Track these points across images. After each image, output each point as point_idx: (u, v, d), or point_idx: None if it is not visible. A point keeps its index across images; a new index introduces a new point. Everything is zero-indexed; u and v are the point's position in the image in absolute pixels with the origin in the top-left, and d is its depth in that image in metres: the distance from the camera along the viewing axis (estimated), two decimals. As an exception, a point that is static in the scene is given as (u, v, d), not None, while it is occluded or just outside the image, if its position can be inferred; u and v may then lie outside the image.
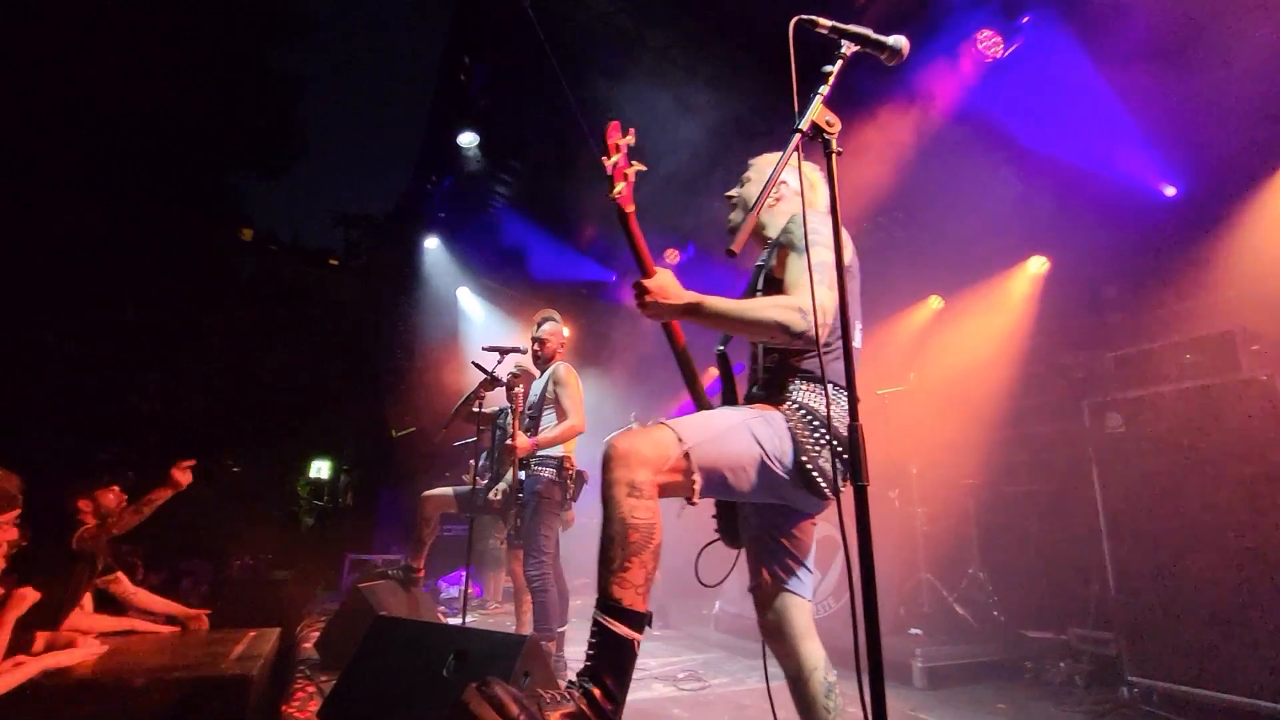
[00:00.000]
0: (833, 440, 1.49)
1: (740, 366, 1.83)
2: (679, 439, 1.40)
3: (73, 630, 2.66)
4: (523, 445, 3.19)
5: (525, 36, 5.03)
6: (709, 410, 1.61)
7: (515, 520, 3.31)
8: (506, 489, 3.41)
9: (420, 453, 8.88)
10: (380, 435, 10.22)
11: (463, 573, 4.70)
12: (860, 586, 1.07)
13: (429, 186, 7.83)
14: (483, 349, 3.68)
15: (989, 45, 4.28)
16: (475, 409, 3.72)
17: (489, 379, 3.61)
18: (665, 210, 6.07)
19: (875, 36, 1.33)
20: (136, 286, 8.59)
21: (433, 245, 8.27)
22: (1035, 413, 4.93)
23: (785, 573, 1.66)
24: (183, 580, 6.21)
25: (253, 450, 12.82)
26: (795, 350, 1.59)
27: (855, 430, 1.15)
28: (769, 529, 1.70)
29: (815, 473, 1.48)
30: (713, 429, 1.47)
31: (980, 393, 5.03)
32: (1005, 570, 4.40)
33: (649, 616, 1.32)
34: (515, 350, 3.61)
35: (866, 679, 1.05)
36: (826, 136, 1.26)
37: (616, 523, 1.31)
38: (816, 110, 1.26)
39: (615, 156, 1.54)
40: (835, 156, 1.25)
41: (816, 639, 1.61)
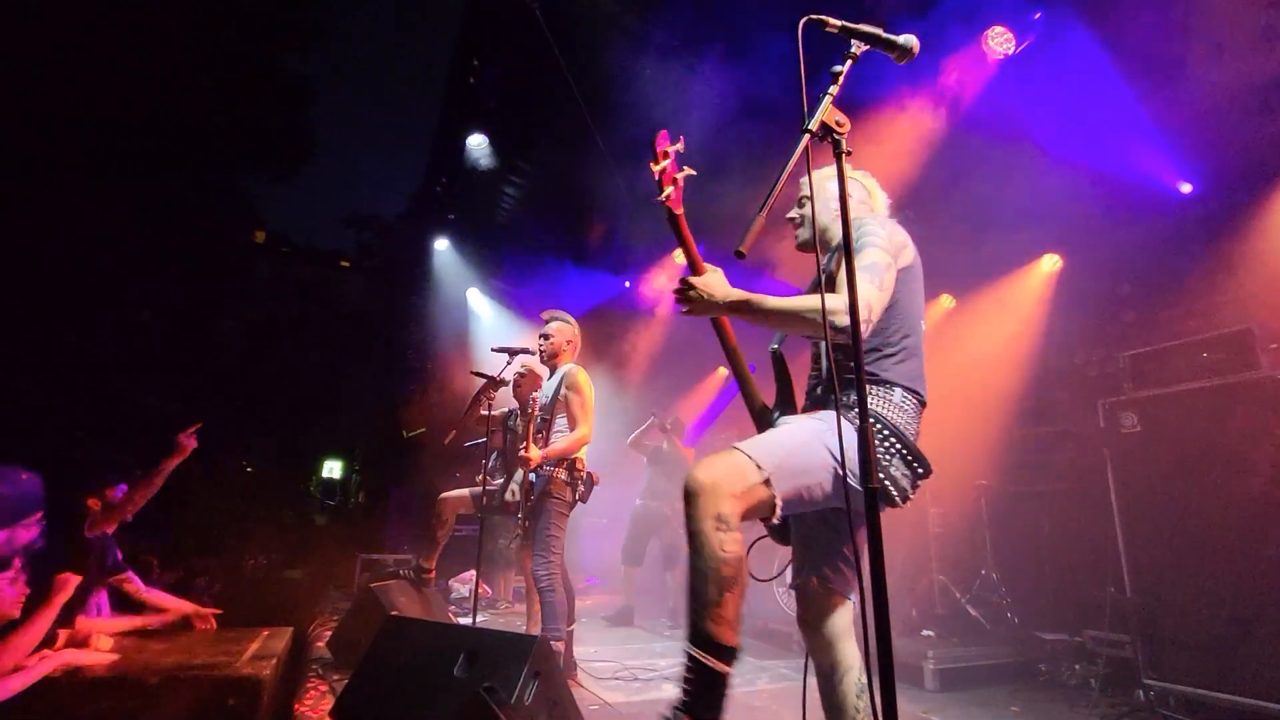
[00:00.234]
0: (902, 448, 1.50)
1: (752, 367, 1.83)
2: (757, 465, 1.40)
3: (89, 628, 2.69)
4: (534, 458, 3.18)
5: (533, 38, 5.05)
6: (777, 428, 1.59)
7: (523, 521, 3.31)
8: (518, 489, 3.42)
9: (431, 453, 8.93)
10: (392, 435, 10.29)
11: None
12: (871, 588, 1.06)
13: (438, 188, 7.88)
14: (492, 350, 3.69)
15: (1001, 42, 4.25)
16: (484, 411, 3.72)
17: (491, 381, 3.62)
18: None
19: (885, 36, 1.32)
20: (153, 288, 8.70)
21: (443, 246, 8.32)
22: (1049, 413, 4.88)
23: (834, 572, 1.66)
24: (197, 579, 6.27)
25: (266, 450, 12.96)
26: (863, 353, 1.58)
27: (865, 431, 1.14)
28: (826, 529, 1.69)
29: (888, 482, 1.49)
30: (787, 448, 1.47)
31: (993, 392, 4.99)
32: (1018, 571, 4.35)
33: (739, 648, 1.33)
34: (524, 351, 3.61)
35: (878, 680, 1.04)
36: (836, 137, 1.25)
37: (708, 558, 1.31)
38: (826, 110, 1.25)
39: (663, 163, 1.57)
40: (845, 157, 1.25)
41: (854, 639, 1.62)
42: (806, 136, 1.24)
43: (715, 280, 1.53)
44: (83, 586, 2.82)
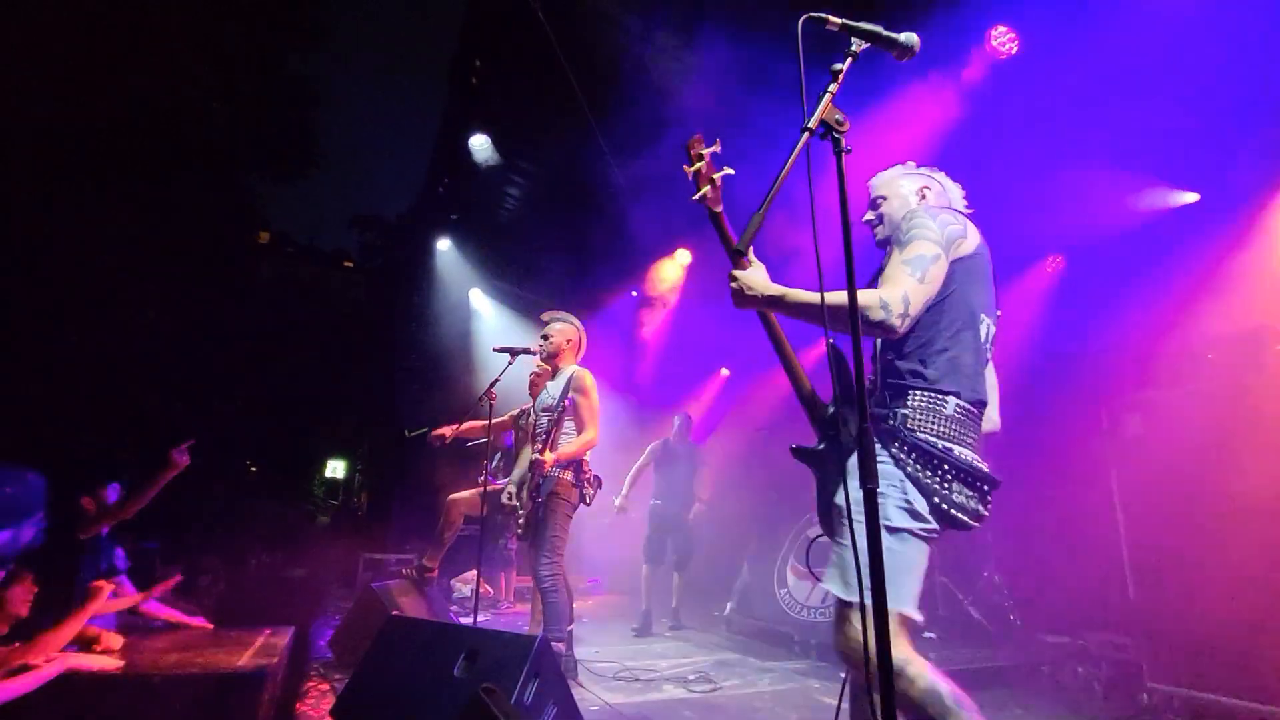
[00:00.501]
0: (959, 470, 1.47)
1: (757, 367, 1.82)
2: (902, 615, 1.41)
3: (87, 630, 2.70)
4: (548, 461, 3.19)
5: (535, 38, 5.05)
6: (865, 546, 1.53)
7: (518, 521, 3.31)
8: (521, 489, 3.41)
9: (434, 452, 8.94)
10: (394, 435, 10.31)
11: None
12: (871, 589, 1.06)
13: (440, 188, 7.89)
14: (493, 349, 3.69)
15: (1003, 41, 4.23)
16: (487, 404, 3.72)
17: (510, 363, 3.63)
18: (675, 209, 6.07)
19: (886, 33, 1.31)
20: (157, 288, 8.73)
21: (445, 247, 8.33)
22: (1052, 414, 4.85)
23: None
24: (200, 578, 6.29)
25: (269, 450, 13.02)
26: (905, 352, 1.58)
27: (865, 432, 1.14)
28: None
29: (954, 510, 1.47)
30: (890, 570, 1.43)
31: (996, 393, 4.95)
32: (1022, 574, 4.34)
33: None
34: (525, 351, 3.61)
35: (878, 681, 1.04)
36: (836, 135, 1.24)
37: (922, 707, 1.33)
38: (826, 108, 1.24)
39: (698, 164, 1.59)
40: (844, 155, 1.24)
41: (907, 644, 1.56)
42: (806, 134, 1.24)
43: (755, 275, 1.54)
44: (77, 588, 2.83)
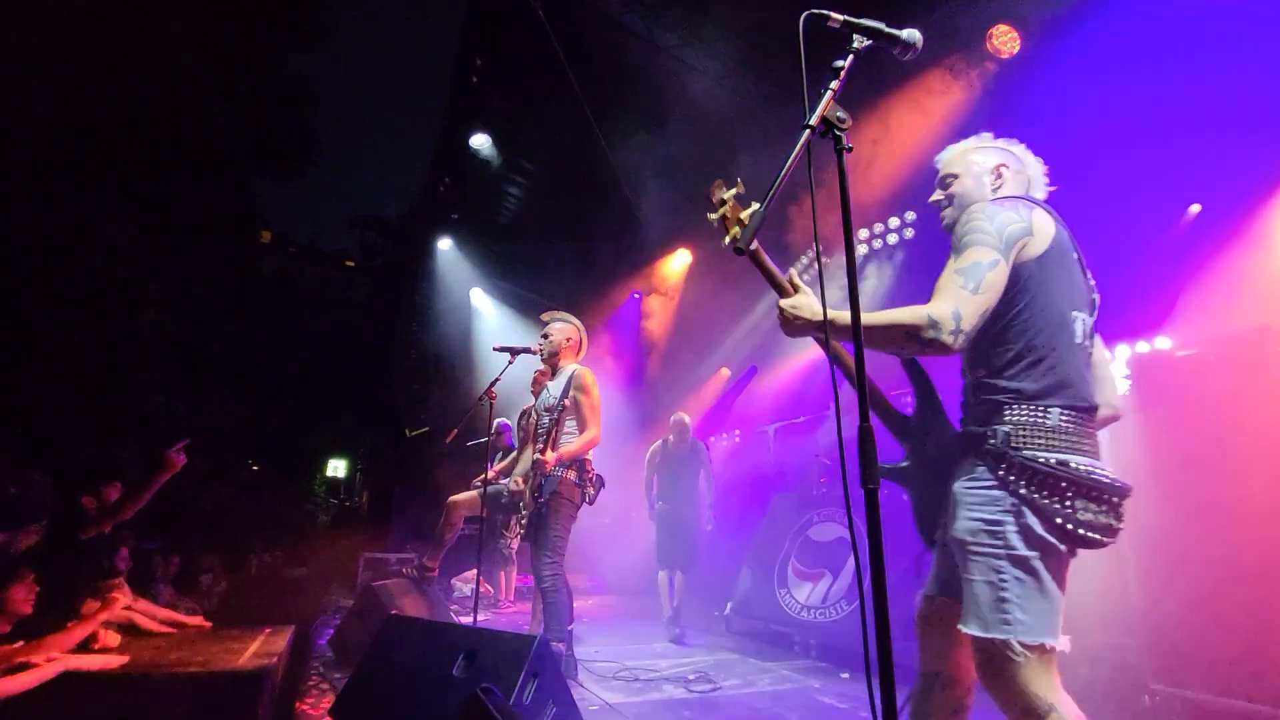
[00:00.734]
0: (1078, 487, 1.34)
1: (753, 368, 1.81)
2: (1041, 646, 1.37)
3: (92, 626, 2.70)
4: (550, 460, 3.19)
5: (536, 37, 5.05)
6: (990, 581, 1.40)
7: (520, 520, 3.30)
8: (523, 488, 3.41)
9: (434, 452, 8.95)
10: (395, 434, 10.32)
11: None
12: (870, 589, 1.05)
13: (442, 188, 7.90)
14: (493, 349, 3.69)
15: (1005, 41, 4.22)
16: (487, 403, 3.72)
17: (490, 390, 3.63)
18: (677, 208, 6.06)
19: (889, 31, 1.30)
20: (158, 287, 8.75)
21: (446, 246, 8.34)
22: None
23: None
24: (201, 577, 6.30)
25: (271, 449, 13.03)
26: (995, 367, 1.46)
27: (866, 431, 1.13)
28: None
29: (1081, 529, 1.35)
30: (1022, 599, 1.37)
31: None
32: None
33: None
34: (525, 351, 3.61)
35: (878, 682, 1.03)
36: (838, 133, 1.24)
37: None
38: (827, 106, 1.24)
39: (721, 210, 1.53)
40: (845, 154, 1.23)
41: (1052, 681, 1.51)
42: (807, 132, 1.23)
43: (803, 301, 1.47)
44: (79, 590, 2.83)
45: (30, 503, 2.60)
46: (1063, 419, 1.39)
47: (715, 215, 1.53)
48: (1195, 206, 4.35)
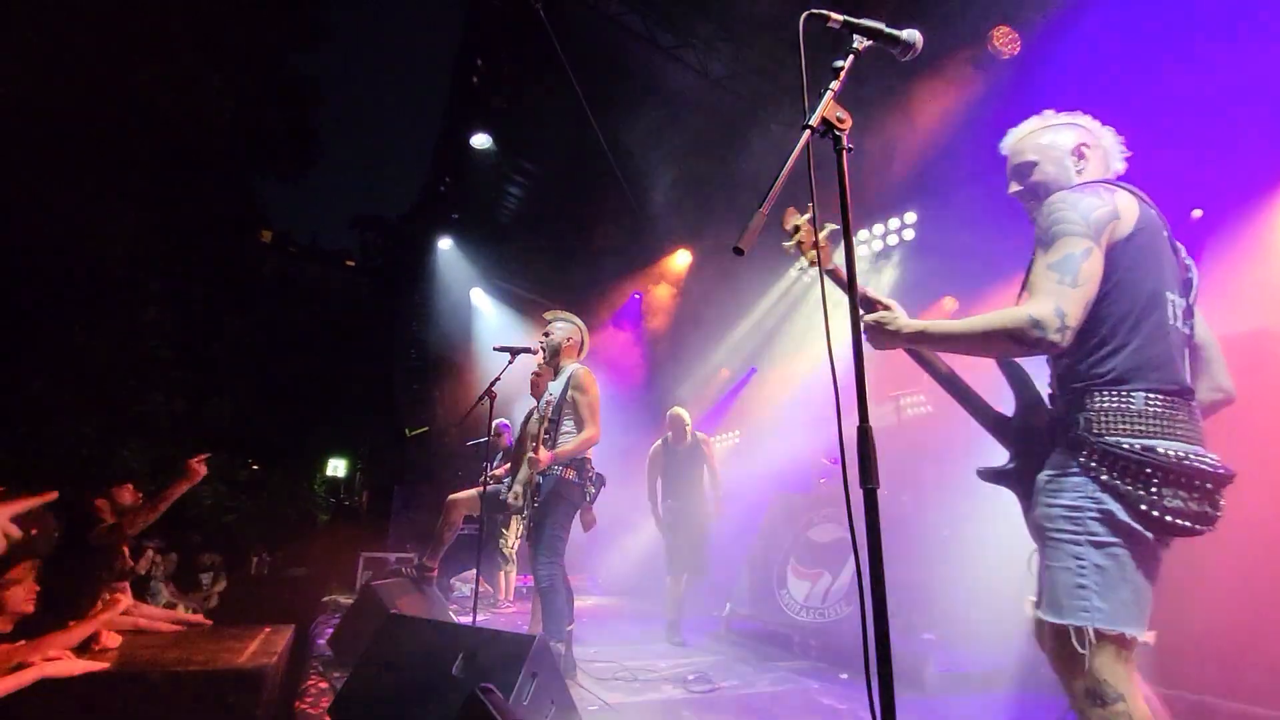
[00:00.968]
0: (1166, 475, 1.28)
1: (753, 369, 1.80)
2: (1121, 636, 1.29)
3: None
4: (543, 458, 3.18)
5: (537, 38, 5.05)
6: (1068, 568, 1.36)
7: (528, 521, 3.30)
8: (522, 489, 3.41)
9: (434, 451, 8.96)
10: (395, 434, 10.32)
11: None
12: (869, 589, 1.05)
13: (442, 187, 7.90)
14: (494, 349, 3.68)
15: (1005, 41, 4.22)
16: (487, 403, 3.71)
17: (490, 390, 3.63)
18: (678, 208, 6.06)
19: (889, 31, 1.30)
20: (160, 287, 8.76)
21: (446, 246, 8.34)
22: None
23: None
24: (201, 576, 6.30)
25: (271, 448, 13.03)
26: (1080, 354, 1.41)
27: (865, 432, 1.13)
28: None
29: (1169, 516, 1.27)
30: (1102, 587, 1.30)
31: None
32: (1023, 574, 4.32)
33: None
34: (526, 350, 3.61)
35: (877, 683, 1.03)
36: (837, 133, 1.23)
37: None
38: (827, 106, 1.24)
39: (796, 237, 1.56)
40: (846, 154, 1.23)
41: (1126, 672, 1.44)
42: (807, 133, 1.22)
43: (889, 314, 1.47)
44: (89, 587, 2.84)
45: (43, 544, 2.61)
46: (1148, 402, 1.34)
47: (791, 244, 1.55)
48: (1197, 211, 4.33)
